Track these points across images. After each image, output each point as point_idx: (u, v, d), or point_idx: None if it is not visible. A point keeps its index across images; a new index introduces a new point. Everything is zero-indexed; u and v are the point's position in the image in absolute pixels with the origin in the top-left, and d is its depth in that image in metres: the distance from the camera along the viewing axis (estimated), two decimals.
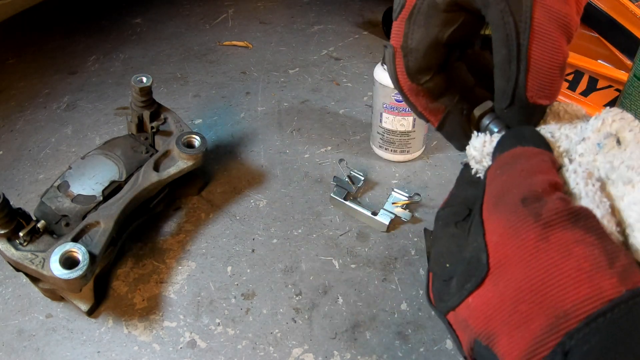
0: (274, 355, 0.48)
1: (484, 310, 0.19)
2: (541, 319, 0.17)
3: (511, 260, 0.19)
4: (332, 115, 0.77)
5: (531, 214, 0.19)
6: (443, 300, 0.23)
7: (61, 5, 1.02)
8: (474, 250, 0.20)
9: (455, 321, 0.22)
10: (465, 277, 0.21)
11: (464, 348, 0.22)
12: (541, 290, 0.18)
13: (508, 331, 0.18)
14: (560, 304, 0.17)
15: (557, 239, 0.18)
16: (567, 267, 0.17)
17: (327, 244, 0.58)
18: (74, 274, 0.44)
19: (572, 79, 0.75)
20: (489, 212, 0.20)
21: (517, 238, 0.19)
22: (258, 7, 1.05)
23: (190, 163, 0.57)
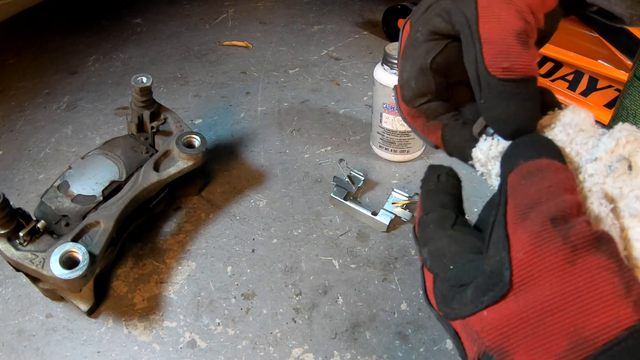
0: (274, 355, 0.48)
1: (501, 326, 0.19)
2: (561, 342, 0.18)
3: (536, 281, 0.19)
4: (332, 115, 0.77)
5: (560, 236, 0.19)
6: (451, 307, 0.22)
7: (61, 5, 1.02)
8: (496, 264, 0.20)
9: (464, 329, 0.22)
10: (482, 290, 0.21)
11: (470, 356, 0.22)
12: (563, 315, 0.18)
13: (525, 351, 0.19)
14: (580, 331, 0.18)
15: (582, 264, 0.18)
16: (590, 295, 0.18)
17: (327, 244, 0.58)
18: (74, 274, 0.44)
19: (572, 79, 0.75)
20: (515, 226, 0.20)
21: (544, 260, 0.19)
22: (258, 7, 1.05)
23: (190, 163, 0.57)
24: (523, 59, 0.24)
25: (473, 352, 0.21)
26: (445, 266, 0.23)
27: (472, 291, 0.21)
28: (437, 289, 0.24)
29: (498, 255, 0.20)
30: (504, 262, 0.20)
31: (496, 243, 0.21)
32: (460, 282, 0.22)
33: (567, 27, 0.78)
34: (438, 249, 0.24)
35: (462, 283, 0.22)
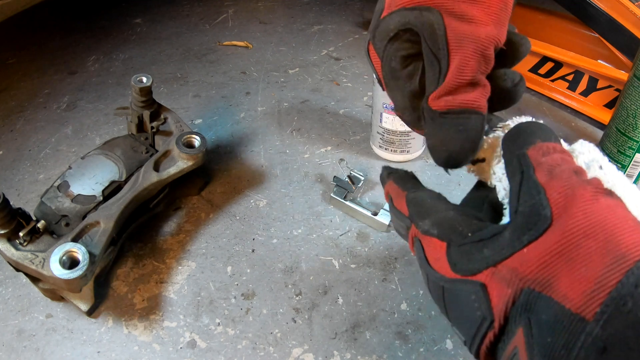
0: (274, 355, 0.48)
1: (542, 256, 0.21)
2: (604, 259, 0.20)
3: (570, 214, 0.21)
4: (332, 115, 0.77)
5: (584, 182, 0.23)
6: (480, 260, 0.24)
7: (61, 5, 1.02)
8: (533, 205, 0.23)
9: (494, 277, 0.23)
10: (522, 230, 0.22)
11: (499, 308, 0.23)
12: (598, 237, 0.20)
13: (570, 271, 0.21)
14: (616, 248, 0.20)
15: (604, 201, 0.22)
16: (616, 222, 0.21)
17: (327, 244, 0.58)
18: (74, 274, 0.44)
19: (572, 79, 0.75)
20: (546, 178, 0.23)
21: (576, 197, 0.22)
22: (258, 7, 1.05)
23: (190, 163, 0.57)
24: (467, 96, 0.27)
25: (506, 296, 0.22)
26: (461, 233, 0.25)
27: (510, 233, 0.23)
28: (453, 252, 0.25)
29: (534, 199, 0.23)
30: (541, 202, 0.22)
31: (529, 191, 0.23)
32: (480, 238, 0.24)
33: (567, 27, 0.78)
34: (445, 219, 0.26)
35: (482, 238, 0.24)
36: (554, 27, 0.79)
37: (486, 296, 0.23)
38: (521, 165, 0.24)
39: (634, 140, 0.61)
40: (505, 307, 0.22)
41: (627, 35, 0.66)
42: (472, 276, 0.24)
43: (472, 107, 0.27)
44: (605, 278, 0.20)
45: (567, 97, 0.77)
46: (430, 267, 0.26)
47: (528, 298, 0.22)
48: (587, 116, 0.75)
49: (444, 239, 0.26)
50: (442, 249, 0.26)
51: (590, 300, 0.20)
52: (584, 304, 0.20)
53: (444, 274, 0.25)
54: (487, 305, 0.23)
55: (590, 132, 0.75)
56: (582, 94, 0.76)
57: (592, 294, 0.20)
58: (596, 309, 0.19)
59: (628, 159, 0.63)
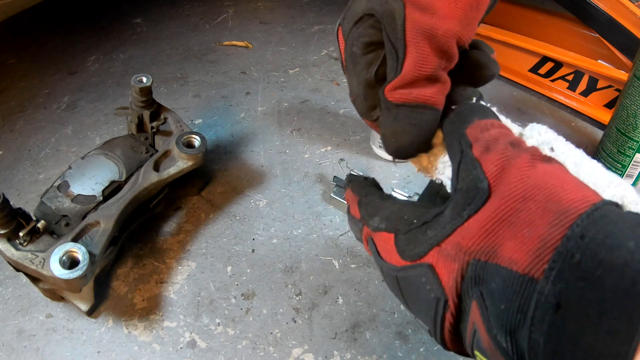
0: (274, 355, 0.48)
1: (484, 225, 0.21)
2: (546, 217, 0.20)
3: (508, 182, 0.21)
4: (332, 115, 0.77)
5: (520, 150, 0.23)
6: (424, 242, 0.24)
7: (61, 5, 1.02)
8: (471, 181, 0.23)
9: (440, 255, 0.23)
10: (462, 205, 0.22)
11: (449, 285, 0.22)
12: (539, 197, 0.20)
13: (513, 235, 0.20)
14: (559, 204, 0.20)
15: (542, 167, 0.22)
16: (557, 183, 0.21)
17: (327, 244, 0.58)
18: (74, 274, 0.44)
19: (572, 79, 0.75)
20: (482, 153, 0.23)
21: (512, 166, 0.22)
22: (258, 7, 1.05)
23: (190, 163, 0.57)
24: (424, 91, 0.27)
25: (454, 271, 0.22)
26: (407, 220, 0.25)
27: (450, 211, 0.23)
28: (400, 240, 0.25)
29: (471, 174, 0.23)
30: (478, 175, 0.22)
31: (466, 167, 0.23)
32: (423, 222, 0.25)
33: (567, 27, 0.78)
34: (393, 212, 0.27)
35: (425, 221, 0.24)
36: (554, 27, 0.79)
37: (435, 276, 0.23)
38: (460, 145, 0.25)
39: (634, 140, 0.61)
40: (456, 283, 0.22)
41: (627, 35, 0.66)
42: (420, 259, 0.24)
43: (427, 103, 0.27)
44: (550, 235, 0.19)
45: (567, 97, 0.77)
46: (382, 260, 0.27)
47: (475, 270, 0.21)
48: (587, 116, 0.75)
49: (391, 231, 0.26)
50: (391, 240, 0.26)
51: (537, 259, 0.19)
52: (530, 263, 0.19)
53: (394, 263, 0.25)
54: (438, 285, 0.23)
55: (590, 132, 0.75)
56: (582, 94, 0.76)
57: (538, 252, 0.19)
58: (544, 266, 0.19)
59: (628, 159, 0.63)
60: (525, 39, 0.77)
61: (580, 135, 0.75)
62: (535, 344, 0.19)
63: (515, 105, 0.80)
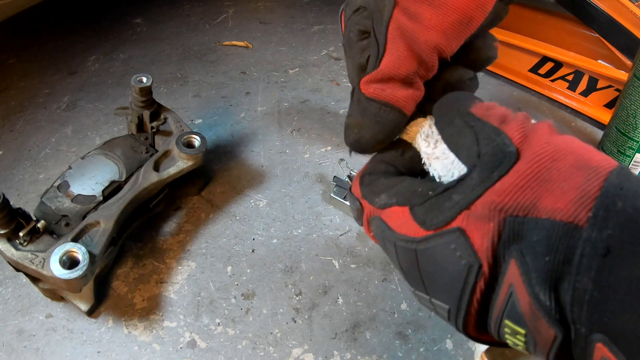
0: (274, 355, 0.48)
1: (518, 182, 0.21)
2: (579, 172, 0.20)
3: (536, 144, 0.22)
4: (332, 115, 0.77)
5: (537, 123, 0.23)
6: (450, 207, 0.23)
7: (61, 5, 1.02)
8: (497, 145, 0.22)
9: (470, 218, 0.22)
10: (490, 168, 0.22)
11: (484, 247, 0.22)
12: (568, 156, 0.21)
13: (550, 189, 0.21)
14: (588, 164, 0.21)
15: (561, 136, 0.22)
16: (579, 146, 0.22)
17: (327, 244, 0.58)
18: (74, 274, 0.44)
19: (572, 79, 0.75)
20: (502, 124, 0.23)
21: (536, 132, 0.22)
22: (258, 7, 1.05)
23: (190, 163, 0.57)
24: (396, 92, 0.27)
25: (490, 232, 0.21)
26: (421, 193, 0.25)
27: (478, 173, 0.22)
28: (418, 211, 0.24)
29: (495, 141, 0.23)
30: (504, 141, 0.22)
31: (488, 135, 0.23)
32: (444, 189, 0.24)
33: (567, 27, 0.78)
34: (402, 187, 0.26)
35: (447, 187, 0.24)
36: (554, 27, 0.79)
37: (467, 240, 0.22)
38: (468, 122, 0.24)
39: (634, 140, 0.61)
40: (492, 244, 0.21)
41: (627, 35, 0.66)
42: (446, 226, 0.22)
43: (396, 105, 0.27)
44: (588, 186, 0.20)
45: (567, 97, 0.77)
46: (396, 233, 0.25)
47: (513, 226, 0.21)
48: (587, 116, 0.75)
49: (404, 204, 0.25)
50: (405, 213, 0.24)
51: (580, 207, 0.20)
52: (574, 211, 0.20)
53: (413, 235, 0.24)
54: (471, 250, 0.22)
55: (590, 132, 0.75)
56: (582, 94, 0.76)
57: (579, 201, 0.20)
58: (588, 214, 0.19)
59: (628, 159, 0.63)
60: (525, 39, 0.77)
61: (580, 135, 0.75)
62: (581, 293, 0.19)
63: (515, 105, 0.80)
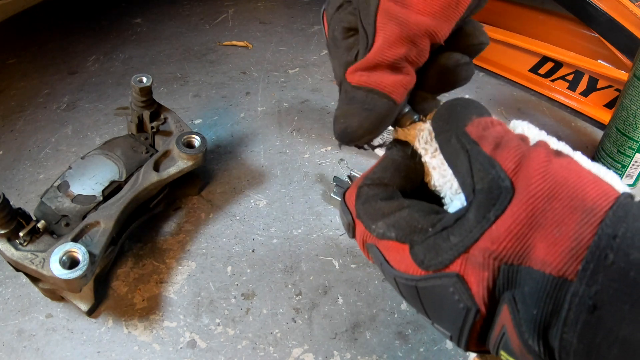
0: (274, 355, 0.48)
1: (513, 228, 0.21)
2: (574, 216, 0.20)
3: (530, 180, 0.21)
4: (332, 115, 0.76)
5: (533, 146, 0.22)
6: (448, 250, 0.22)
7: (61, 5, 1.02)
8: (491, 179, 0.22)
9: (468, 263, 0.22)
10: (486, 207, 0.21)
11: (480, 294, 0.22)
12: (563, 196, 0.20)
13: (543, 236, 0.20)
14: (583, 203, 0.20)
15: (558, 162, 0.21)
16: (575, 176, 0.21)
17: (327, 244, 0.58)
18: (74, 274, 0.44)
19: (572, 79, 0.75)
20: (495, 152, 0.22)
21: (532, 161, 0.21)
22: (258, 7, 1.05)
23: (190, 163, 0.57)
24: (383, 78, 0.26)
25: (484, 279, 0.21)
26: (421, 230, 0.24)
27: (474, 214, 0.22)
28: (417, 250, 0.24)
29: (490, 174, 0.22)
30: (499, 174, 0.22)
31: (482, 167, 0.22)
32: (441, 227, 0.23)
33: (567, 27, 0.78)
34: (401, 219, 0.25)
35: (445, 227, 0.23)
36: (554, 27, 0.79)
37: (465, 286, 0.22)
38: (463, 144, 0.24)
39: (634, 140, 0.61)
40: (487, 291, 0.21)
41: (627, 35, 0.66)
42: (445, 268, 0.22)
43: (383, 91, 0.26)
44: (580, 235, 0.19)
45: (567, 97, 0.77)
46: (395, 270, 0.25)
47: (507, 274, 0.21)
48: (587, 116, 0.75)
49: (405, 242, 0.24)
50: (405, 250, 0.24)
51: (570, 260, 0.19)
52: (564, 265, 0.19)
53: (412, 273, 0.24)
54: (469, 295, 0.22)
55: (590, 132, 0.75)
56: (582, 94, 0.76)
57: (570, 253, 0.19)
58: (577, 267, 0.19)
59: (628, 159, 0.63)
60: (525, 39, 0.77)
61: (580, 135, 0.75)
62: (567, 344, 0.19)
63: (515, 105, 0.80)
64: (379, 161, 0.29)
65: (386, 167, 0.28)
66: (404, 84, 0.27)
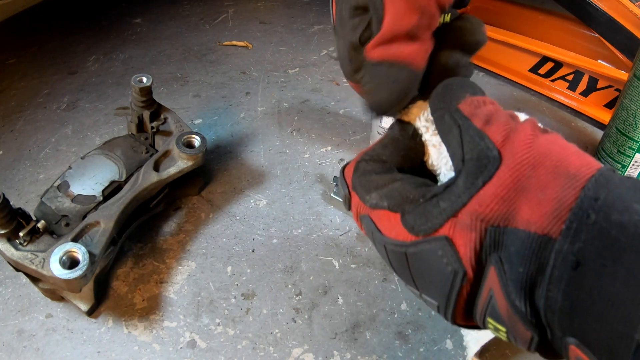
0: (274, 355, 0.48)
1: (500, 192, 0.22)
2: (557, 181, 0.21)
3: (517, 150, 0.22)
4: (332, 115, 0.77)
5: (521, 122, 0.24)
6: (438, 214, 0.23)
7: (61, 5, 1.02)
8: (481, 149, 0.23)
9: (456, 227, 0.23)
10: (475, 174, 0.23)
11: (467, 256, 0.22)
12: (547, 162, 0.21)
13: (528, 199, 0.21)
14: (566, 170, 0.21)
15: (544, 137, 0.23)
16: (560, 148, 0.22)
17: (327, 244, 0.58)
18: (74, 274, 0.44)
19: (572, 79, 0.75)
20: (484, 125, 0.24)
21: (519, 135, 0.23)
22: (258, 7, 1.05)
23: (190, 163, 0.57)
24: (402, 49, 0.27)
25: (472, 241, 0.22)
26: (412, 200, 0.25)
27: (463, 180, 0.23)
28: (408, 217, 0.25)
29: (479, 145, 0.23)
30: (487, 145, 0.23)
31: (472, 139, 0.23)
32: (431, 195, 0.24)
33: (567, 27, 0.78)
34: (394, 189, 0.26)
35: (434, 194, 0.24)
36: (554, 27, 0.79)
37: (453, 248, 0.23)
38: (456, 120, 0.25)
39: (634, 140, 0.61)
40: (474, 253, 0.22)
41: (627, 35, 0.66)
42: (434, 233, 0.23)
43: (404, 62, 0.27)
44: (563, 197, 0.20)
45: (567, 97, 0.77)
46: (385, 237, 0.26)
47: (493, 236, 0.22)
48: (587, 116, 0.75)
49: (396, 210, 0.25)
50: (396, 218, 0.25)
51: (554, 220, 0.20)
52: (548, 224, 0.20)
53: (402, 239, 0.25)
54: (456, 258, 0.23)
55: (590, 132, 0.75)
56: (582, 94, 0.76)
57: (554, 213, 0.20)
58: (561, 226, 0.20)
59: (628, 159, 0.63)
60: (525, 39, 0.77)
61: (580, 135, 0.75)
62: (552, 302, 0.20)
63: (515, 105, 0.80)
64: (380, 139, 0.29)
65: (386, 144, 0.29)
66: (423, 50, 0.27)
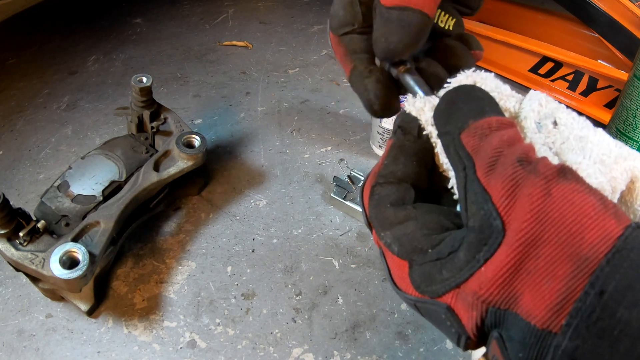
0: (274, 355, 0.48)
1: (501, 274, 0.20)
2: (565, 266, 0.19)
3: (522, 215, 0.20)
4: (332, 115, 0.77)
5: (532, 172, 0.20)
6: (440, 282, 0.22)
7: (61, 5, 1.02)
8: (483, 217, 0.21)
9: (458, 299, 0.22)
10: (476, 247, 0.21)
11: (469, 327, 0.22)
12: (557, 240, 0.19)
13: (531, 286, 0.19)
14: (578, 250, 0.18)
15: (557, 192, 0.19)
16: (574, 217, 0.19)
17: (327, 244, 0.58)
18: (74, 274, 0.44)
19: (572, 79, 0.75)
20: (488, 177, 0.21)
21: (525, 197, 0.20)
22: (258, 7, 1.05)
23: (190, 163, 0.57)
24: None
25: (473, 318, 0.21)
26: (421, 250, 0.23)
27: (465, 253, 0.21)
28: (415, 273, 0.24)
29: (482, 210, 0.21)
30: (490, 212, 0.20)
31: (475, 199, 0.21)
32: (437, 256, 0.23)
33: (567, 27, 0.78)
34: (405, 234, 0.24)
35: (439, 257, 0.22)
36: (554, 27, 0.79)
37: (455, 317, 0.22)
38: (461, 159, 0.23)
39: (634, 140, 0.61)
40: (476, 327, 0.22)
41: (627, 35, 0.66)
42: (438, 298, 0.23)
43: (416, 7, 0.27)
44: (568, 289, 0.19)
45: (567, 97, 0.77)
46: (397, 287, 0.26)
47: (495, 316, 0.21)
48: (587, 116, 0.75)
49: (404, 258, 0.24)
50: (404, 267, 0.25)
51: (556, 314, 0.19)
52: (549, 319, 0.19)
53: (410, 293, 0.24)
54: (459, 324, 0.23)
55: None
56: (582, 94, 0.76)
57: (556, 307, 0.19)
58: (562, 321, 0.19)
59: None
60: (525, 39, 0.77)
61: None
62: None
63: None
64: (388, 149, 0.28)
65: (396, 156, 0.27)
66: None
